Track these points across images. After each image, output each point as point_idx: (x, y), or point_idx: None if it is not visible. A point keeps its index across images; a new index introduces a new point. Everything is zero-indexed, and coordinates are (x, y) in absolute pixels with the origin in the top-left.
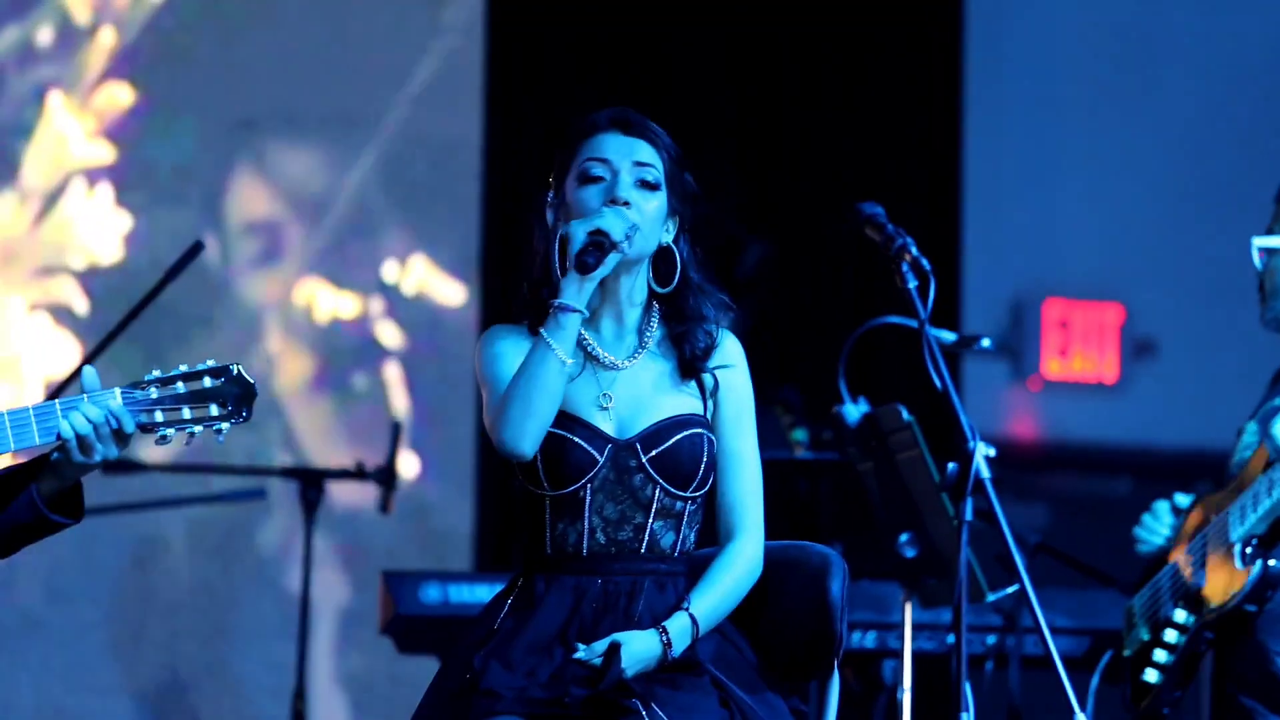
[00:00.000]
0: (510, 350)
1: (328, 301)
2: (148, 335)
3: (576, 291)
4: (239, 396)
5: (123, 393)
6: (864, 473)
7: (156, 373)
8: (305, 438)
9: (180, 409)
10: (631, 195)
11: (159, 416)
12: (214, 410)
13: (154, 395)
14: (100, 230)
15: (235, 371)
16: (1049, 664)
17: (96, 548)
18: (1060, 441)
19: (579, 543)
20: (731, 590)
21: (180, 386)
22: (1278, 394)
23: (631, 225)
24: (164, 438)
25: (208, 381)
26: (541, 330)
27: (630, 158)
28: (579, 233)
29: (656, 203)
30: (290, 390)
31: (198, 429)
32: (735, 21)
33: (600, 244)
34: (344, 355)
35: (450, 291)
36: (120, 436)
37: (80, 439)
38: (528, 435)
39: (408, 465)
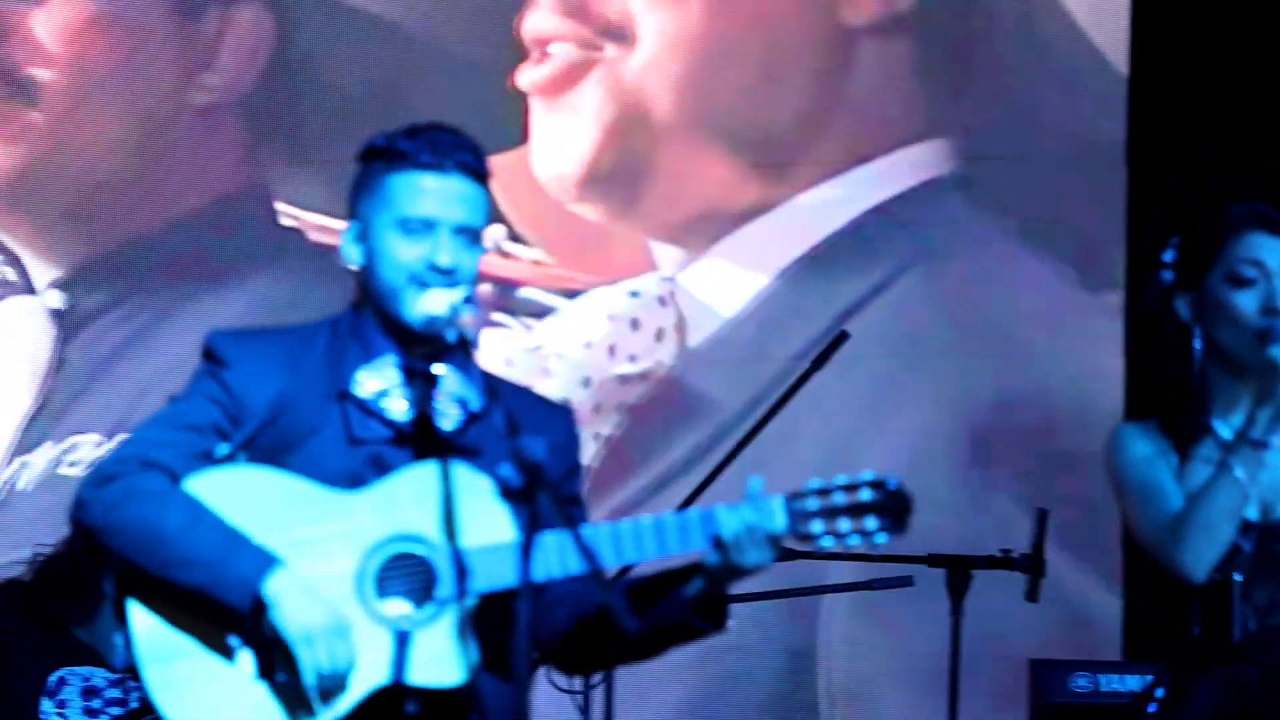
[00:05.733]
0: (1152, 460)
1: None
2: None
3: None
4: (896, 510)
5: (785, 503)
6: None
7: (816, 483)
8: (947, 523)
9: (838, 521)
10: None
11: (816, 527)
12: (871, 524)
13: (813, 507)
14: None
15: (894, 485)
16: None
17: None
18: None
19: (1228, 631)
20: None
21: (839, 498)
22: None
23: None
24: (820, 548)
25: (865, 494)
26: (1234, 461)
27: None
28: None
29: None
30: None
31: (855, 540)
32: None
33: None
34: None
35: None
36: (774, 542)
37: (737, 540)
38: (1205, 563)
39: (1054, 553)
